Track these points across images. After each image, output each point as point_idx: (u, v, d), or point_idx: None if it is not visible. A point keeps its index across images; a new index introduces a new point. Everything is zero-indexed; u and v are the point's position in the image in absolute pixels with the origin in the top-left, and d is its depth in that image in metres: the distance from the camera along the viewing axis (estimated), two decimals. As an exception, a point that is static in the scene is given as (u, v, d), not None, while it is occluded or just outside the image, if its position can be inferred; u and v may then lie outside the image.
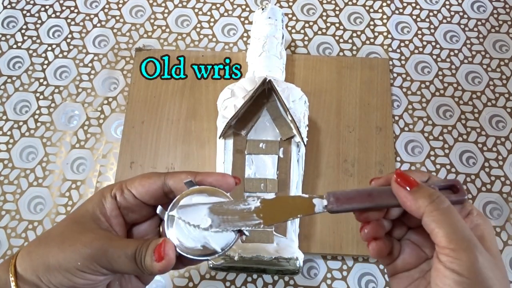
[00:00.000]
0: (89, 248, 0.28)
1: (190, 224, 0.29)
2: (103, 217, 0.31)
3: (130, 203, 0.31)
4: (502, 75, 0.61)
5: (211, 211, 0.30)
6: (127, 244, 0.29)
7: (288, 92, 0.49)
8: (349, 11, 0.65)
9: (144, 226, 0.34)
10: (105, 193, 0.31)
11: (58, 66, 0.61)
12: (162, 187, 0.31)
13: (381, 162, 0.54)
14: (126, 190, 0.31)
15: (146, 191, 0.31)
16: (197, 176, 0.31)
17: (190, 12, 0.65)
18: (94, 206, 0.31)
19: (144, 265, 0.28)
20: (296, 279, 0.51)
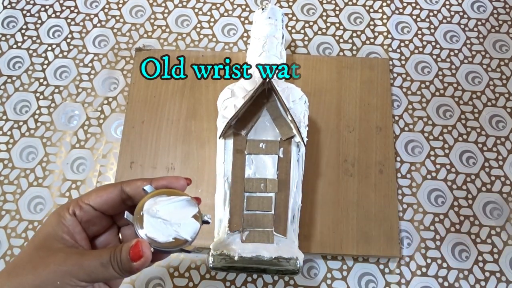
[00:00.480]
0: (64, 266, 0.29)
1: (163, 219, 0.32)
2: (67, 235, 0.32)
3: (90, 216, 0.33)
4: (502, 75, 0.61)
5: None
6: (99, 253, 0.30)
7: (288, 92, 0.49)
8: (349, 11, 0.65)
9: (104, 237, 0.35)
10: (61, 213, 0.32)
11: (58, 66, 0.61)
12: (119, 195, 0.34)
13: (381, 162, 0.54)
14: (83, 204, 0.33)
15: (104, 201, 0.33)
16: (152, 181, 0.34)
17: (190, 12, 0.65)
18: (55, 227, 0.32)
19: (121, 267, 0.30)
20: (296, 279, 0.51)
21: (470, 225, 0.53)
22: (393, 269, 0.51)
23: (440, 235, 0.53)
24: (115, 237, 0.36)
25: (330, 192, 0.53)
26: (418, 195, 0.55)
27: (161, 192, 0.33)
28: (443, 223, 0.53)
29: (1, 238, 0.52)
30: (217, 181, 0.49)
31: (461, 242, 0.52)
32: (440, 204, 0.54)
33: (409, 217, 0.53)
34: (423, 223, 0.53)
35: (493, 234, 0.53)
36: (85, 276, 0.30)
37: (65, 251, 0.31)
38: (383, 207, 0.52)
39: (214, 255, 0.43)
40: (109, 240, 0.36)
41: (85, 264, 0.29)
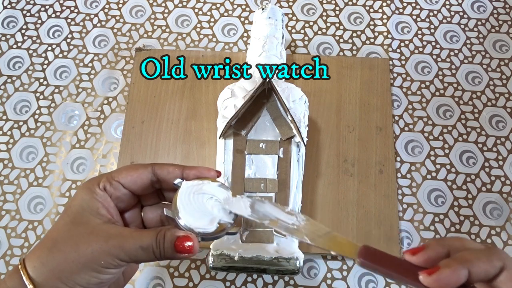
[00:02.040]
0: (106, 247, 0.30)
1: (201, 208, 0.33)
2: (104, 210, 0.32)
3: (119, 193, 0.33)
4: (502, 75, 0.61)
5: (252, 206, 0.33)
6: (140, 237, 0.30)
7: (288, 92, 0.49)
8: (349, 11, 0.65)
9: (128, 214, 0.35)
10: (91, 187, 0.32)
11: (58, 66, 0.61)
12: (149, 178, 0.34)
13: (381, 162, 0.54)
14: (114, 181, 0.33)
15: (134, 181, 0.33)
16: (184, 169, 0.34)
17: (190, 12, 0.65)
18: (89, 202, 0.32)
19: (163, 254, 0.30)
20: (296, 279, 0.51)
21: (470, 225, 0.53)
22: (393, 269, 0.51)
23: (440, 235, 0.53)
24: (139, 215, 0.36)
25: (330, 192, 0.53)
26: (418, 195, 0.55)
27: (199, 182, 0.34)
28: (443, 223, 0.53)
29: (1, 238, 0.52)
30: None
31: (461, 242, 0.52)
32: (440, 204, 0.54)
33: (409, 217, 0.53)
34: (423, 223, 0.53)
35: (493, 234, 0.53)
36: (126, 257, 0.30)
37: (105, 228, 0.31)
38: (383, 207, 0.52)
39: (214, 255, 0.43)
40: (134, 217, 0.36)
41: (126, 246, 0.30)
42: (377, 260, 0.28)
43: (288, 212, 0.33)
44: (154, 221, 0.36)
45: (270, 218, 0.32)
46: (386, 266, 0.28)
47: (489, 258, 0.26)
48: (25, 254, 0.52)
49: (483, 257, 0.26)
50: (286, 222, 0.32)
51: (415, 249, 0.27)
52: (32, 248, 0.31)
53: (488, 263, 0.26)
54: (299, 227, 0.32)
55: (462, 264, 0.25)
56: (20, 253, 0.52)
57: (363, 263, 0.28)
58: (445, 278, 0.25)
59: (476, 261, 0.25)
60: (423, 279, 0.26)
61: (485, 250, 0.27)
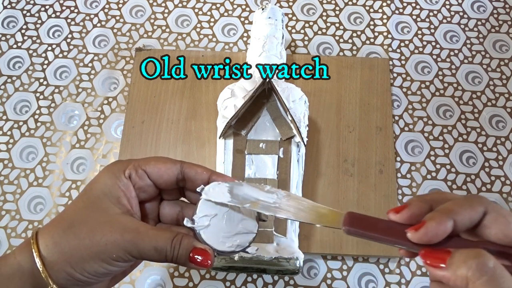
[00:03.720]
0: (121, 241, 0.29)
1: (222, 227, 0.31)
2: (125, 200, 0.31)
3: (143, 183, 0.32)
4: (502, 75, 0.61)
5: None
6: (155, 238, 0.30)
7: (288, 92, 0.49)
8: (349, 11, 0.65)
9: (148, 206, 0.35)
10: (117, 173, 0.31)
11: (58, 66, 0.61)
12: (176, 174, 0.33)
13: (381, 162, 0.54)
14: (140, 170, 0.32)
15: (161, 174, 0.32)
16: (212, 174, 0.33)
17: (190, 12, 0.65)
18: (111, 188, 0.31)
19: (175, 260, 0.30)
20: (296, 279, 0.51)
21: (470, 225, 0.53)
22: (393, 269, 0.51)
23: (440, 235, 0.53)
24: (157, 208, 0.35)
25: (330, 192, 0.53)
26: (418, 195, 0.54)
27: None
28: (443, 223, 0.53)
29: (1, 238, 0.52)
30: (217, 181, 0.49)
31: (461, 242, 0.52)
32: (440, 204, 0.54)
33: (409, 217, 0.53)
34: (423, 223, 0.53)
35: (493, 234, 0.53)
36: (138, 255, 0.30)
37: (122, 220, 0.30)
38: (383, 207, 0.52)
39: (214, 255, 0.43)
40: (152, 209, 0.35)
41: (141, 245, 0.30)
42: (363, 225, 0.28)
43: (268, 191, 0.32)
44: (170, 217, 0.35)
45: (250, 201, 0.31)
46: (373, 230, 0.28)
47: (471, 205, 0.26)
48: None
49: (466, 204, 0.26)
50: (267, 202, 0.31)
51: (398, 208, 0.28)
52: (46, 224, 0.31)
53: (471, 209, 0.26)
54: (281, 205, 0.31)
55: (447, 214, 0.26)
56: (20, 253, 0.52)
57: (349, 230, 0.28)
58: (432, 230, 0.25)
59: (460, 210, 0.26)
60: (411, 236, 0.26)
61: (466, 197, 0.27)
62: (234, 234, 0.31)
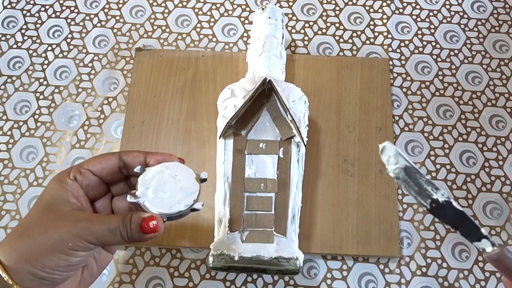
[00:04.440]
0: (74, 229, 0.31)
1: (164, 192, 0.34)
2: (74, 198, 0.33)
3: (90, 180, 0.35)
4: (502, 75, 0.61)
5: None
6: (108, 219, 0.32)
7: (288, 92, 0.49)
8: (349, 11, 0.65)
9: (98, 204, 0.37)
10: (62, 178, 0.34)
11: (58, 66, 0.61)
12: (117, 164, 0.36)
13: (381, 162, 0.54)
14: (83, 170, 0.35)
15: (103, 167, 0.35)
16: (147, 154, 0.36)
17: (190, 12, 0.65)
18: (59, 192, 0.33)
19: (130, 236, 0.32)
20: (296, 279, 0.51)
21: (470, 225, 0.53)
22: (393, 269, 0.51)
23: (440, 235, 0.53)
24: (109, 205, 0.38)
25: (330, 192, 0.53)
26: (418, 195, 0.54)
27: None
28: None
29: (1, 238, 0.52)
30: (217, 181, 0.49)
31: (461, 242, 0.52)
32: (440, 204, 0.54)
33: (409, 217, 0.53)
34: (423, 223, 0.53)
35: (493, 234, 0.53)
36: (94, 239, 0.31)
37: (74, 214, 0.32)
38: (383, 207, 0.52)
39: (214, 255, 0.43)
40: (104, 206, 0.37)
41: (94, 229, 0.31)
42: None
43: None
44: (123, 210, 0.38)
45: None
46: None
47: None
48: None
49: None
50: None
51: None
52: (5, 237, 0.33)
53: None
54: None
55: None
56: (20, 253, 0.52)
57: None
58: None
59: None
60: None
61: None
62: (177, 197, 0.34)
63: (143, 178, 0.35)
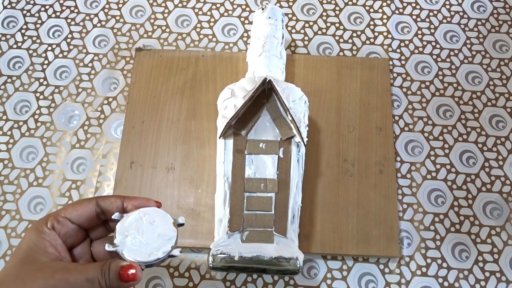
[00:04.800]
0: (51, 281, 0.31)
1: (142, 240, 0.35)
2: (51, 248, 0.33)
3: (68, 228, 0.35)
4: (502, 75, 0.61)
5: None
6: (85, 269, 0.32)
7: (288, 92, 0.49)
8: (349, 11, 0.65)
9: (78, 249, 0.37)
10: (39, 227, 0.33)
11: (58, 66, 0.61)
12: (94, 210, 0.36)
13: (381, 162, 0.54)
14: (61, 218, 0.34)
15: (80, 215, 0.35)
16: (124, 199, 0.36)
17: (190, 12, 0.65)
18: (36, 242, 0.33)
19: (109, 285, 0.32)
20: (296, 279, 0.51)
21: (470, 225, 0.53)
22: (393, 269, 0.51)
23: (440, 235, 0.53)
24: (88, 250, 0.38)
25: (330, 192, 0.53)
26: (418, 195, 0.55)
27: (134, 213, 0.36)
28: (443, 223, 0.53)
29: (1, 238, 0.52)
30: (217, 181, 0.49)
31: (461, 242, 0.52)
32: (440, 204, 0.54)
33: (409, 217, 0.53)
34: (423, 223, 0.53)
35: (493, 234, 0.53)
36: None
37: (51, 265, 0.32)
38: (383, 207, 0.52)
39: (214, 255, 0.43)
40: (83, 252, 0.37)
41: (72, 279, 0.31)
42: None
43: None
44: (103, 254, 0.37)
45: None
46: None
47: None
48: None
49: None
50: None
51: None
52: None
53: None
54: None
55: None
56: (20, 253, 0.52)
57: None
58: None
59: None
60: None
61: None
62: (155, 244, 0.34)
63: (121, 225, 0.35)
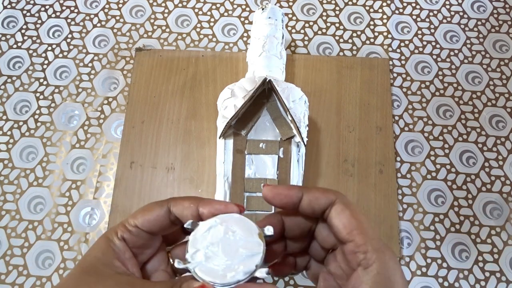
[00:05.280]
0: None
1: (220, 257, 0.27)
2: (118, 262, 0.30)
3: (139, 238, 0.31)
4: (502, 75, 0.61)
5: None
6: (153, 287, 0.28)
7: (288, 92, 0.49)
8: (349, 11, 0.65)
9: (153, 263, 0.33)
10: (110, 237, 0.30)
11: (58, 66, 0.61)
12: (167, 216, 0.31)
13: (381, 162, 0.54)
14: (131, 227, 0.31)
15: (152, 223, 0.31)
16: (199, 204, 0.30)
17: (190, 12, 0.65)
18: (105, 252, 0.30)
19: None
20: (296, 279, 0.51)
21: (470, 225, 0.53)
22: (393, 269, 0.51)
23: (440, 235, 0.53)
24: (164, 261, 0.33)
25: (330, 192, 0.53)
26: (418, 195, 0.55)
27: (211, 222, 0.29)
28: (443, 223, 0.53)
29: (1, 238, 0.52)
30: (217, 181, 0.49)
31: (461, 242, 0.52)
32: (440, 204, 0.54)
33: (409, 217, 0.53)
34: (423, 223, 0.53)
35: (493, 234, 0.53)
36: None
37: (115, 278, 0.29)
38: (383, 207, 0.52)
39: (214, 255, 0.43)
40: (157, 266, 0.33)
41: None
42: None
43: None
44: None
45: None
46: None
47: (324, 191, 0.28)
48: (25, 254, 0.52)
49: (320, 189, 0.29)
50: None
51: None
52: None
53: (321, 193, 0.28)
54: None
55: (299, 188, 0.28)
56: (20, 253, 0.52)
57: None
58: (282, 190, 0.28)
59: (312, 189, 0.28)
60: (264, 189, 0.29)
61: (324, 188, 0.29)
62: (235, 261, 0.27)
63: (194, 237, 0.28)
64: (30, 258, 0.52)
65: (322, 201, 0.28)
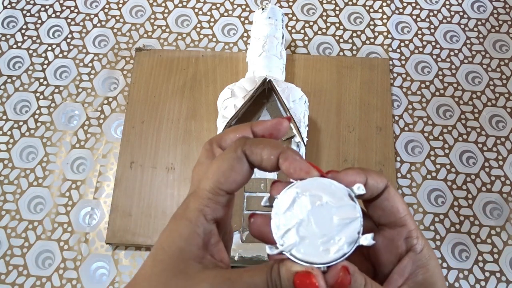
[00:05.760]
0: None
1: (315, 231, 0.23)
2: (206, 253, 0.25)
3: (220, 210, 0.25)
4: (502, 75, 0.61)
5: None
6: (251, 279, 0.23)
7: (288, 92, 0.49)
8: (349, 11, 0.65)
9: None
10: (193, 219, 0.24)
11: (58, 66, 0.61)
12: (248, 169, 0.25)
13: (381, 162, 0.54)
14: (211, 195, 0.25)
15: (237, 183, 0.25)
16: (252, 126, 0.27)
17: (190, 12, 0.65)
18: (189, 241, 0.24)
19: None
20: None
21: (470, 225, 0.53)
22: (393, 269, 0.51)
23: (440, 235, 0.53)
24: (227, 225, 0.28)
25: (330, 192, 0.53)
26: (418, 195, 0.55)
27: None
28: (443, 223, 0.53)
29: (1, 238, 0.52)
30: (217, 181, 0.49)
31: (461, 242, 0.52)
32: (440, 204, 0.54)
33: (409, 217, 0.53)
34: (423, 223, 0.53)
35: (493, 234, 0.53)
36: None
37: (208, 278, 0.24)
38: (383, 207, 0.52)
39: (214, 255, 0.43)
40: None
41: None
42: None
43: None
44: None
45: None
46: None
47: (380, 174, 0.26)
48: (25, 254, 0.52)
49: (376, 171, 0.26)
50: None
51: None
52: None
53: (379, 176, 0.25)
54: None
55: (363, 172, 0.24)
56: (20, 253, 0.52)
57: None
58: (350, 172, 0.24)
59: (372, 172, 0.25)
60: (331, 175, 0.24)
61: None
62: (334, 233, 0.23)
63: (277, 215, 0.23)
64: (30, 258, 0.52)
65: (381, 184, 0.25)
